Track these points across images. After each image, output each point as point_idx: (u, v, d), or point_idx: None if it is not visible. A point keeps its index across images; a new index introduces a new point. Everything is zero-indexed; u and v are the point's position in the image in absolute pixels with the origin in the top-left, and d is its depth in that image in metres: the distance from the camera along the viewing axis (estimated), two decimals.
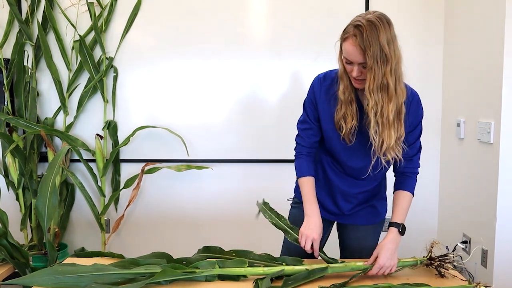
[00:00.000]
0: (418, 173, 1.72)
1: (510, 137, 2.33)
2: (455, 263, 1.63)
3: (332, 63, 3.09)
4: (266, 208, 1.74)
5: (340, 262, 1.57)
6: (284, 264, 1.57)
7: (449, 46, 2.97)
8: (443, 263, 1.57)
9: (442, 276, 1.55)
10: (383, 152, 1.53)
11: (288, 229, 1.66)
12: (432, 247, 1.60)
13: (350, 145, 1.59)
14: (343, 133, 1.57)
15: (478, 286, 1.44)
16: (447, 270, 1.58)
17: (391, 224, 1.60)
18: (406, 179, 1.68)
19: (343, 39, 1.46)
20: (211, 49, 3.02)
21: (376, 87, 1.43)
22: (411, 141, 1.62)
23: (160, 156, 3.12)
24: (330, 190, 1.75)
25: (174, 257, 1.62)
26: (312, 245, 1.59)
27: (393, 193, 1.69)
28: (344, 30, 1.47)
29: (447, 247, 1.62)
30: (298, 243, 1.61)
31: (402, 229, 1.59)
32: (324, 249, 1.84)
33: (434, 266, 1.58)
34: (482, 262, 2.51)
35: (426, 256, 1.60)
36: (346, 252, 1.83)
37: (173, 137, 3.04)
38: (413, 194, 1.68)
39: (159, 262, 1.54)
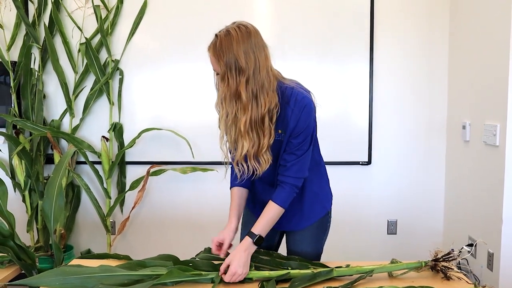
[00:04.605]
0: (296, 184, 1.58)
1: None
2: (460, 265, 1.62)
3: (336, 65, 3.12)
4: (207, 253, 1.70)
5: (346, 266, 1.57)
6: (290, 268, 1.57)
7: (455, 48, 2.96)
8: (447, 262, 1.57)
9: (448, 278, 1.55)
10: (236, 161, 1.53)
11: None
12: (437, 254, 1.60)
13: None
14: (228, 141, 1.57)
15: None
16: (452, 269, 1.57)
17: (249, 233, 1.57)
18: (278, 189, 1.59)
19: (207, 49, 1.47)
20: None
21: (229, 96, 1.43)
22: (291, 147, 1.55)
23: (165, 158, 3.14)
24: (252, 193, 1.75)
25: (179, 259, 1.63)
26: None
27: None
28: None
29: (452, 250, 1.61)
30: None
31: (257, 240, 1.55)
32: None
33: (439, 268, 1.57)
34: (488, 265, 2.50)
35: (431, 258, 1.60)
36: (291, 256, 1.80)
37: (178, 139, 3.05)
38: (283, 207, 1.57)
39: (165, 264, 1.54)
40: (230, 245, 1.63)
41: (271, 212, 1.58)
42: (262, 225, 1.57)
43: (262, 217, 1.58)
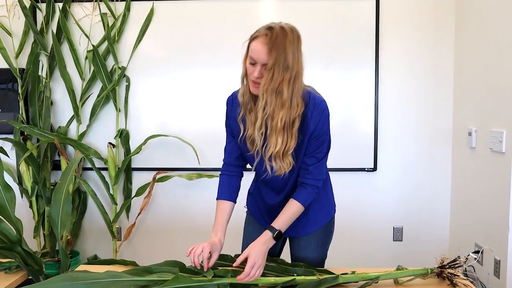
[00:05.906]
0: (317, 185, 1.62)
1: None
2: (466, 272, 1.61)
3: (342, 72, 3.12)
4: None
5: (351, 273, 1.57)
6: (295, 274, 1.58)
7: (460, 54, 2.96)
8: (453, 269, 1.56)
9: (454, 285, 1.54)
10: (267, 156, 1.52)
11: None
12: (443, 261, 1.59)
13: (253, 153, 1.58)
14: (240, 136, 1.57)
15: None
16: (458, 276, 1.56)
17: (269, 227, 1.58)
18: (300, 189, 1.62)
19: (253, 38, 1.48)
20: (221, 58, 3.04)
21: (271, 89, 1.42)
22: (311, 150, 1.58)
23: (171, 165, 3.15)
24: (262, 202, 1.76)
25: (186, 265, 1.63)
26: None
27: None
28: (256, 31, 1.49)
29: (458, 256, 1.61)
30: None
31: (276, 235, 1.56)
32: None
33: (445, 275, 1.57)
34: (495, 272, 2.49)
35: (437, 265, 1.59)
36: (295, 261, 1.79)
37: (184, 146, 3.07)
38: (304, 206, 1.61)
39: (172, 270, 1.55)
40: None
41: (292, 209, 1.60)
42: (283, 221, 1.59)
43: (283, 214, 1.59)
